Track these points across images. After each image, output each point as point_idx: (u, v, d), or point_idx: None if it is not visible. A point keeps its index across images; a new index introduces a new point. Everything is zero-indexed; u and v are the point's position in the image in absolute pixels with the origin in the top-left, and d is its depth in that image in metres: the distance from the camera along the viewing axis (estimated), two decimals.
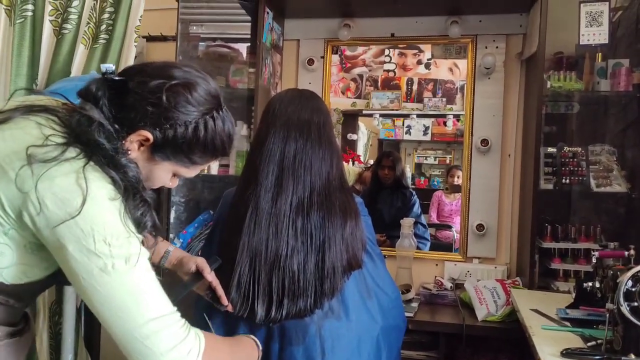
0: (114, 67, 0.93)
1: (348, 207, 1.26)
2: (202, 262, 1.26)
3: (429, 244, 2.80)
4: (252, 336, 1.13)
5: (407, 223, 2.32)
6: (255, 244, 1.20)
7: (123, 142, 0.91)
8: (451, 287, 2.34)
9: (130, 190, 0.88)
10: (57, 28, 1.81)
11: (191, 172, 1.01)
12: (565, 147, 2.17)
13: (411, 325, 1.91)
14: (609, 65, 2.11)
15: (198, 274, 1.25)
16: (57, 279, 0.96)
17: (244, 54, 2.60)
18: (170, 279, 1.30)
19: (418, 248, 2.45)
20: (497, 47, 2.42)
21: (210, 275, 1.24)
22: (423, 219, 2.95)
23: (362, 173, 3.45)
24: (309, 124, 1.27)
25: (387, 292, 1.34)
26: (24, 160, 0.83)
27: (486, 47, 2.42)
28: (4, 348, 0.97)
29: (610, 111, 2.28)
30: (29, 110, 0.91)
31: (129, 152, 0.92)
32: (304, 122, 1.27)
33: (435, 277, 2.42)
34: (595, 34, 2.00)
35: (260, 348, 1.13)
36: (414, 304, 2.18)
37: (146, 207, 0.91)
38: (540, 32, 2.06)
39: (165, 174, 1.00)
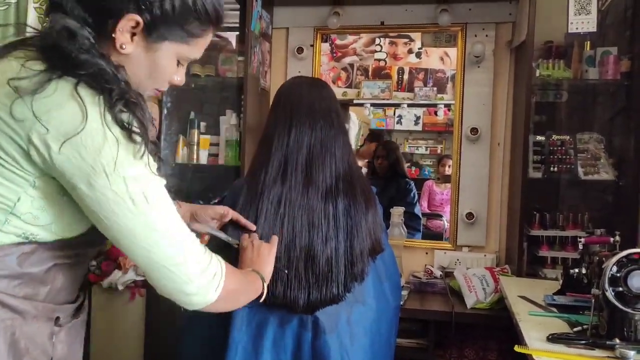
0: None
1: (367, 193, 1.30)
2: (221, 209, 1.26)
3: (419, 234, 2.81)
4: (259, 272, 1.14)
5: (396, 212, 2.32)
6: (291, 235, 1.22)
7: (113, 35, 0.83)
8: (441, 275, 2.35)
9: (107, 90, 0.81)
10: (42, 15, 1.78)
11: (193, 50, 0.93)
12: (554, 136, 2.17)
13: (401, 313, 1.92)
14: (597, 54, 2.12)
15: (233, 224, 1.25)
16: None
17: (233, 43, 2.58)
18: None
19: (408, 237, 2.45)
20: (486, 36, 2.41)
21: (230, 219, 1.25)
22: (418, 210, 2.95)
23: (358, 150, 3.47)
24: (330, 112, 1.31)
25: (394, 275, 1.41)
26: (12, 94, 0.78)
27: (476, 36, 2.42)
28: (68, 331, 0.95)
29: (598, 99, 2.29)
30: (4, 49, 0.86)
31: (124, 47, 0.85)
32: (327, 110, 1.30)
33: (425, 265, 2.43)
34: (584, 22, 2.00)
35: (265, 285, 1.13)
36: (404, 292, 2.19)
37: (128, 104, 0.82)
38: (529, 20, 2.06)
39: (169, 61, 0.91)
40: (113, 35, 0.84)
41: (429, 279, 2.32)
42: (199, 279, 0.89)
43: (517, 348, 1.26)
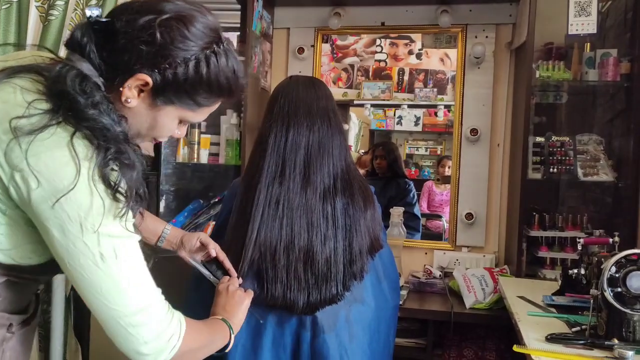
0: (100, 11, 0.85)
1: (365, 191, 1.31)
2: (205, 237, 1.25)
3: (419, 234, 2.82)
4: (227, 320, 1.10)
5: (396, 212, 2.33)
6: (290, 237, 1.22)
7: (121, 89, 0.84)
8: (440, 275, 2.36)
9: (103, 147, 0.80)
10: (44, 14, 1.79)
11: (198, 115, 0.93)
12: (553, 137, 2.18)
13: (400, 312, 1.93)
14: (597, 55, 2.12)
15: (218, 262, 1.24)
16: None
17: (234, 43, 2.59)
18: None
19: (408, 237, 2.46)
20: (487, 37, 2.42)
21: (214, 250, 1.23)
22: (417, 210, 2.95)
23: (360, 157, 3.47)
24: (327, 111, 1.31)
25: (393, 274, 1.42)
26: (10, 134, 0.77)
27: (476, 37, 2.42)
28: (18, 338, 0.94)
29: (598, 101, 2.30)
30: (14, 72, 0.83)
31: (129, 101, 0.85)
32: (324, 110, 1.31)
33: (425, 265, 2.43)
34: (584, 24, 2.00)
35: (233, 335, 1.10)
36: (403, 292, 2.19)
37: (121, 165, 0.82)
38: (529, 21, 2.06)
39: (170, 121, 0.92)
40: (120, 88, 0.84)
41: (428, 279, 2.32)
42: (154, 341, 0.87)
43: (515, 348, 1.27)
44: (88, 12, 0.84)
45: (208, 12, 0.89)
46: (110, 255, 0.81)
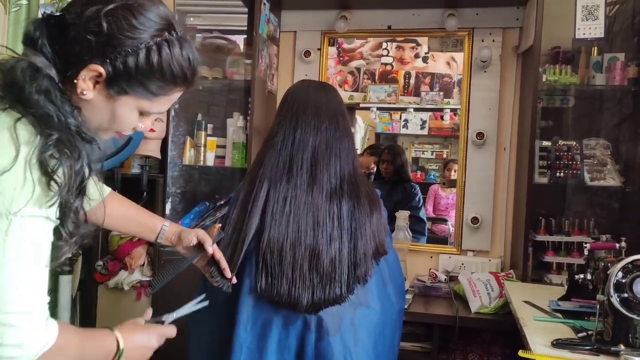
0: (55, 8, 0.87)
1: (372, 195, 1.32)
2: (203, 234, 1.23)
3: (424, 238, 2.81)
4: (116, 332, 0.97)
5: (401, 216, 2.33)
6: (296, 234, 1.23)
7: (75, 81, 0.85)
8: (445, 279, 2.35)
9: (45, 134, 0.80)
10: None
11: (156, 105, 0.93)
12: (560, 141, 2.17)
13: (405, 316, 1.92)
14: (604, 60, 2.12)
15: (200, 247, 1.22)
16: None
17: (241, 46, 2.60)
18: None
19: (413, 240, 2.46)
20: (493, 41, 2.42)
21: (211, 247, 1.21)
22: (423, 214, 2.95)
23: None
24: (336, 114, 1.32)
25: (398, 278, 1.42)
26: None
27: (483, 40, 2.42)
28: None
29: (605, 105, 2.29)
30: None
31: (84, 94, 0.86)
32: (333, 112, 1.32)
33: (430, 269, 2.43)
34: (591, 28, 2.00)
35: (121, 345, 0.96)
36: (408, 296, 2.19)
37: (61, 153, 0.81)
38: (536, 25, 2.06)
39: (129, 112, 0.92)
40: (75, 80, 0.85)
41: (434, 283, 2.32)
42: (18, 348, 0.80)
43: (521, 353, 1.26)
44: (42, 9, 0.85)
45: (159, 1, 0.91)
46: (15, 247, 0.78)
